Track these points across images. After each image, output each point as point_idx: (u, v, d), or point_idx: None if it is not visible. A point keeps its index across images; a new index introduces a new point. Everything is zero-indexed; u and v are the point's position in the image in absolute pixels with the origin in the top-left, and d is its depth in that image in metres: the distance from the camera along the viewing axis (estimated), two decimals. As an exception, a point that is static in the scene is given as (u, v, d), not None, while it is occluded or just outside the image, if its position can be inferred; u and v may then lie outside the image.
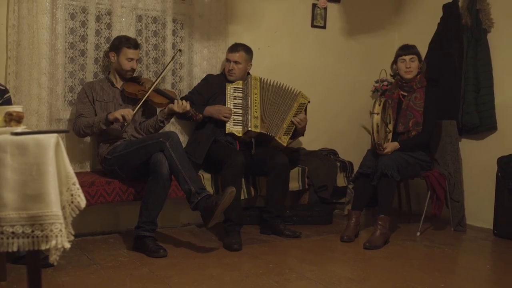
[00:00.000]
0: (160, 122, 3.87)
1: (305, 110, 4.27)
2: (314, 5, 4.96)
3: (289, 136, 4.19)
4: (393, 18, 5.40)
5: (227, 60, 4.21)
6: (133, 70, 3.85)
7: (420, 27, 5.06)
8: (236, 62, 4.17)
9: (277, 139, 4.11)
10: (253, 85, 4.15)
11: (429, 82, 4.65)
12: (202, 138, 4.06)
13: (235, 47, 4.21)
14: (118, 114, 3.59)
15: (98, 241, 3.75)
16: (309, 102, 4.28)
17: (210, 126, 4.09)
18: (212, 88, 4.18)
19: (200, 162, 3.99)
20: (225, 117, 4.05)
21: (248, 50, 4.25)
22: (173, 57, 4.09)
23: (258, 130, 4.03)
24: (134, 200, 3.68)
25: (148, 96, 3.79)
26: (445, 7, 4.69)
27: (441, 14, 4.72)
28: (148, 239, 3.44)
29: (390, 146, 3.94)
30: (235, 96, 4.15)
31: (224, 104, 4.12)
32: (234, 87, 4.17)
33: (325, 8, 5.02)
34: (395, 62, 4.23)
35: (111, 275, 3.02)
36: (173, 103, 3.81)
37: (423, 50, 4.76)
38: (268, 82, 4.23)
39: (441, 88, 4.54)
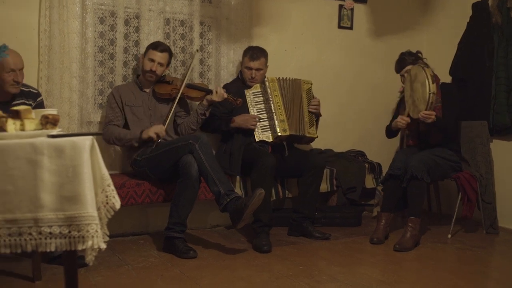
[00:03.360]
0: (202, 115, 3.88)
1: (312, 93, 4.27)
2: (340, 6, 4.94)
3: (314, 126, 4.19)
4: (421, 18, 5.34)
5: (248, 68, 4.14)
6: (152, 72, 3.80)
7: (449, 27, 5.00)
8: (258, 70, 4.14)
9: (307, 135, 4.10)
10: (272, 87, 4.11)
11: (457, 82, 4.61)
12: (233, 150, 4.01)
13: (256, 55, 4.13)
14: (151, 133, 3.65)
15: (129, 242, 3.80)
16: (311, 84, 4.26)
17: (239, 137, 4.04)
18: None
19: (238, 174, 3.98)
20: (252, 125, 4.03)
21: (266, 54, 4.21)
22: (192, 57, 4.09)
23: (287, 133, 4.02)
24: (163, 202, 3.71)
25: (182, 93, 3.83)
26: (475, 6, 4.62)
27: (470, 13, 4.66)
28: (178, 240, 3.46)
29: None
30: (256, 102, 4.12)
31: (247, 111, 4.10)
32: (253, 93, 4.12)
33: (352, 9, 4.99)
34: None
35: (142, 275, 3.05)
36: (209, 94, 3.84)
37: (452, 50, 4.72)
38: (284, 79, 4.19)
39: (470, 89, 4.48)
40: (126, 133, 3.72)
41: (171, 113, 3.80)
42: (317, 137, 4.21)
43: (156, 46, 3.82)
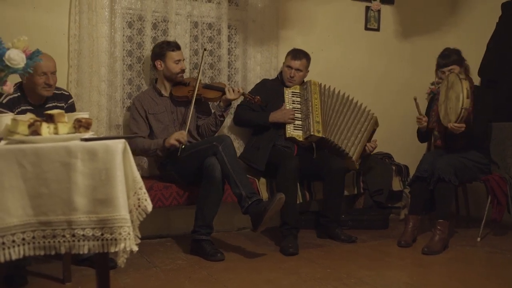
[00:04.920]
0: (220, 117, 3.89)
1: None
2: (367, 8, 4.92)
3: (360, 160, 4.23)
4: (449, 19, 5.28)
5: (289, 67, 4.17)
6: (183, 71, 3.86)
7: (477, 27, 4.94)
8: (297, 70, 4.15)
9: (354, 160, 4.12)
10: (313, 90, 4.13)
11: (487, 83, 4.54)
12: (261, 144, 4.03)
13: (298, 55, 4.17)
14: (173, 140, 3.62)
15: (156, 244, 3.83)
16: (377, 127, 4.37)
17: (269, 131, 4.07)
18: (268, 93, 4.13)
19: (262, 169, 3.98)
20: (290, 118, 4.05)
21: (308, 58, 4.23)
22: (202, 56, 4.02)
23: (320, 134, 4.01)
24: (191, 204, 3.72)
25: (199, 94, 3.83)
26: (504, 6, 4.56)
27: (499, 13, 4.59)
28: (205, 242, 3.48)
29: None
30: (293, 101, 4.14)
31: (281, 107, 4.11)
32: (292, 92, 4.17)
33: (379, 11, 4.97)
34: (437, 70, 4.12)
35: (170, 278, 3.08)
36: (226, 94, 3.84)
37: (480, 51, 4.65)
38: (327, 88, 4.22)
39: (500, 89, 4.42)
40: (150, 144, 3.71)
41: (190, 116, 3.80)
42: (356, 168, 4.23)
43: (173, 47, 3.81)
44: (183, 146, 3.63)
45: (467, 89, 3.66)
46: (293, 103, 4.14)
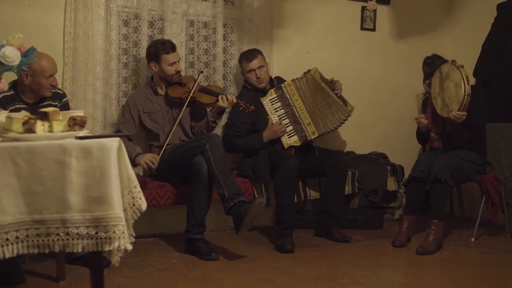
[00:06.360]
0: (212, 123, 3.87)
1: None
2: (363, 8, 4.92)
3: (346, 101, 4.22)
4: (444, 19, 5.29)
5: (251, 71, 4.06)
6: (178, 72, 3.82)
7: (473, 28, 4.95)
8: (260, 68, 4.07)
9: (349, 114, 4.16)
10: (290, 92, 4.09)
11: (482, 84, 4.55)
12: (257, 159, 3.95)
13: (251, 55, 4.07)
14: (142, 161, 3.63)
15: (150, 243, 3.82)
16: (316, 68, 4.23)
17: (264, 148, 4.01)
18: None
19: (268, 180, 3.95)
20: (282, 132, 4.02)
21: (260, 51, 4.16)
22: (198, 76, 3.95)
23: (316, 135, 4.04)
24: (185, 203, 3.71)
25: (194, 97, 3.80)
26: (500, 6, 4.57)
27: (494, 14, 4.60)
28: (199, 241, 3.48)
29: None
30: (275, 108, 4.09)
31: (266, 120, 4.06)
32: (270, 100, 4.09)
33: (375, 11, 4.97)
34: (425, 79, 4.14)
35: (165, 277, 3.07)
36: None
37: (476, 52, 4.66)
38: (299, 79, 4.15)
39: (495, 90, 4.43)
40: (127, 149, 3.68)
41: (184, 106, 3.77)
42: (353, 107, 4.26)
43: (168, 49, 3.75)
44: (153, 170, 3.66)
45: (466, 76, 3.67)
46: (276, 111, 4.08)
